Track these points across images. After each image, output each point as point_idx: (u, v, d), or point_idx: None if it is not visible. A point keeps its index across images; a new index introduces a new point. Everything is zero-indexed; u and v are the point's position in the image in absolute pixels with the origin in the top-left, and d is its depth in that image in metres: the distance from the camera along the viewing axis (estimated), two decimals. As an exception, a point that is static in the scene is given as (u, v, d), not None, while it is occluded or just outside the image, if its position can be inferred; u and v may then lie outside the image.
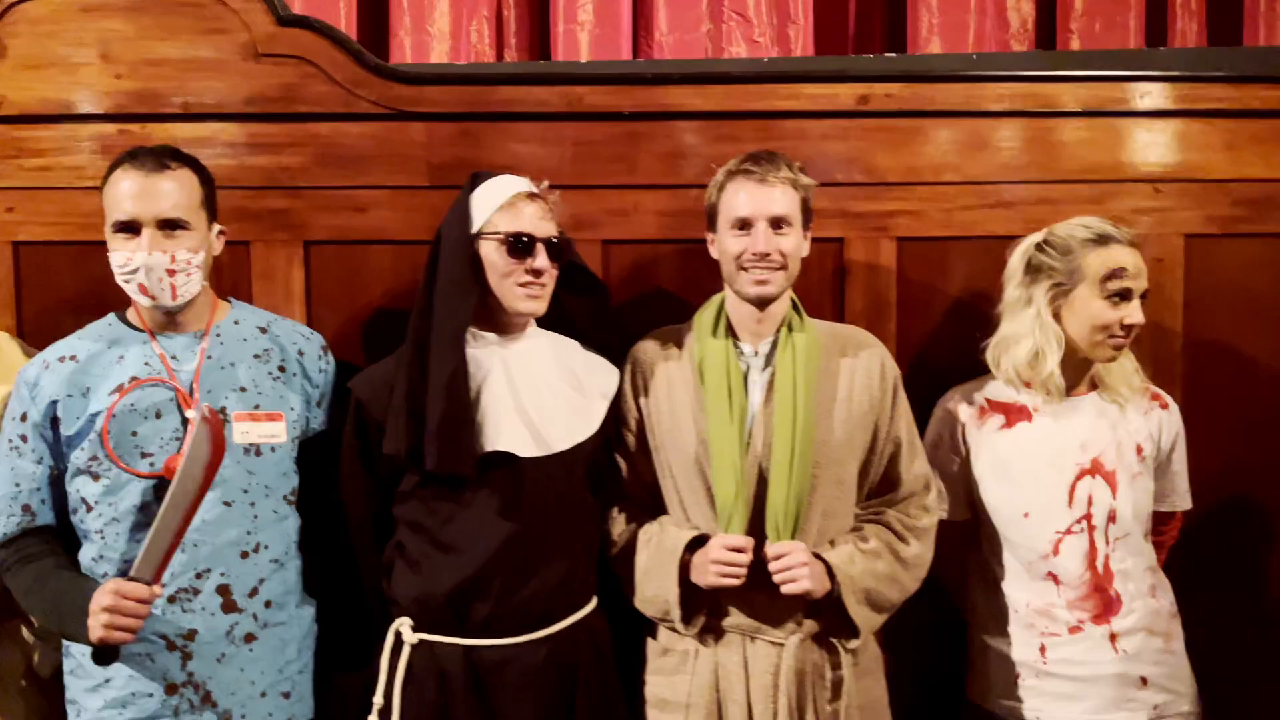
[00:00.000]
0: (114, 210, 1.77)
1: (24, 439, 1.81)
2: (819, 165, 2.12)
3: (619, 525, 1.96)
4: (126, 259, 1.76)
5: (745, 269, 1.84)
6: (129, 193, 1.76)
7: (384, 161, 2.17)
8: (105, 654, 1.71)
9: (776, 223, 1.83)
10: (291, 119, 2.16)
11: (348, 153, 2.17)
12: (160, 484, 1.76)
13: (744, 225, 1.84)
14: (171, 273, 1.76)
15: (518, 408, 1.84)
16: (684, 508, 1.91)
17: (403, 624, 1.84)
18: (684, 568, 1.84)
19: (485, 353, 1.86)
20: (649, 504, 1.98)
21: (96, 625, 1.67)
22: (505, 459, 1.81)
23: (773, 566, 1.78)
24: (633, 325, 2.09)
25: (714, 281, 2.11)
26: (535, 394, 1.86)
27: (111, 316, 1.89)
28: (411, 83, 2.15)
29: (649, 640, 1.97)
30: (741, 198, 1.84)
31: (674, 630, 1.89)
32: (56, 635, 1.89)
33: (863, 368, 1.92)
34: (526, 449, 1.82)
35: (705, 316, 1.95)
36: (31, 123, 2.17)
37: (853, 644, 1.86)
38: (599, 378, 1.96)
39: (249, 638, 1.82)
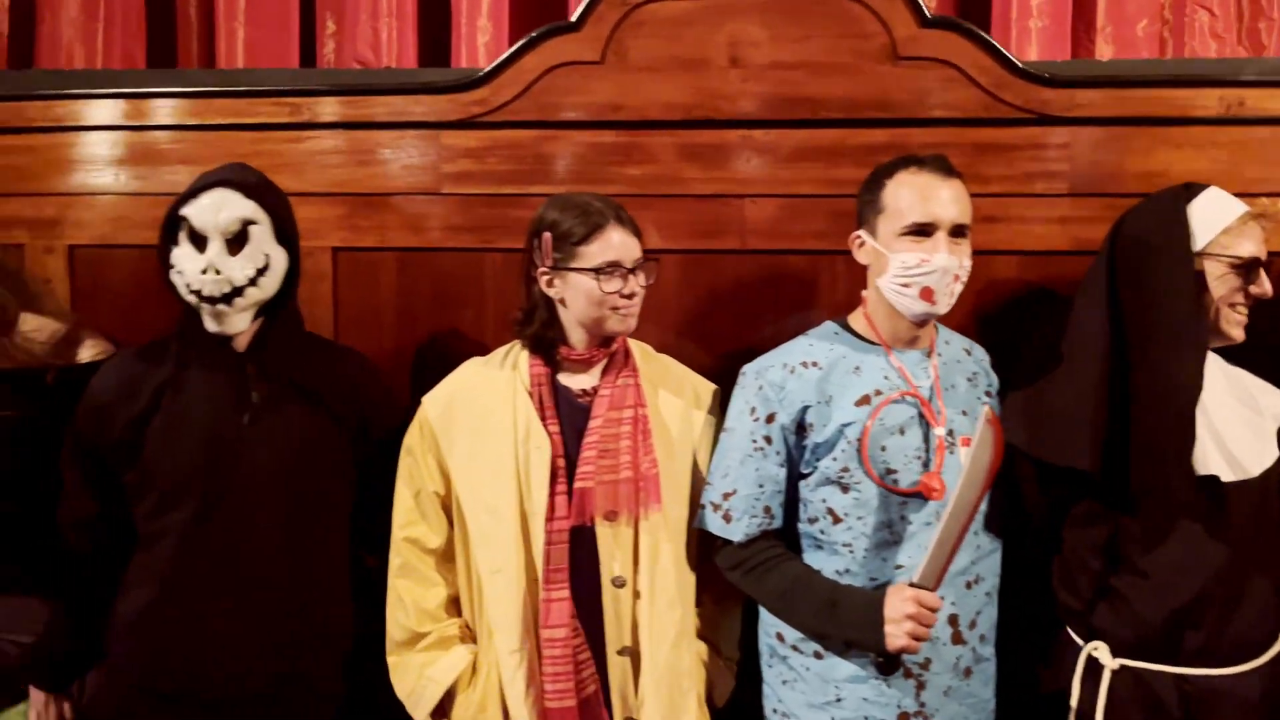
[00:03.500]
0: (908, 212, 1.69)
1: (769, 440, 1.76)
2: None
3: None
4: (922, 260, 1.67)
5: None
6: (926, 195, 1.68)
7: (1019, 168, 2.07)
8: (894, 663, 1.66)
9: None
10: (926, 124, 2.06)
11: (981, 159, 2.06)
12: (904, 501, 1.70)
13: None
14: (956, 278, 1.69)
15: (1209, 428, 1.74)
16: None
17: (1098, 648, 1.75)
18: None
19: None
20: None
21: (899, 633, 1.62)
22: (1207, 482, 1.71)
23: None
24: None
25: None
26: (1220, 414, 1.76)
27: (834, 325, 1.83)
28: (1059, 85, 2.03)
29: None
30: None
31: None
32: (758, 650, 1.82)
33: None
34: (1225, 473, 1.72)
35: None
36: (649, 129, 2.10)
37: None
38: (1271, 399, 1.85)
39: (967, 672, 1.75)
